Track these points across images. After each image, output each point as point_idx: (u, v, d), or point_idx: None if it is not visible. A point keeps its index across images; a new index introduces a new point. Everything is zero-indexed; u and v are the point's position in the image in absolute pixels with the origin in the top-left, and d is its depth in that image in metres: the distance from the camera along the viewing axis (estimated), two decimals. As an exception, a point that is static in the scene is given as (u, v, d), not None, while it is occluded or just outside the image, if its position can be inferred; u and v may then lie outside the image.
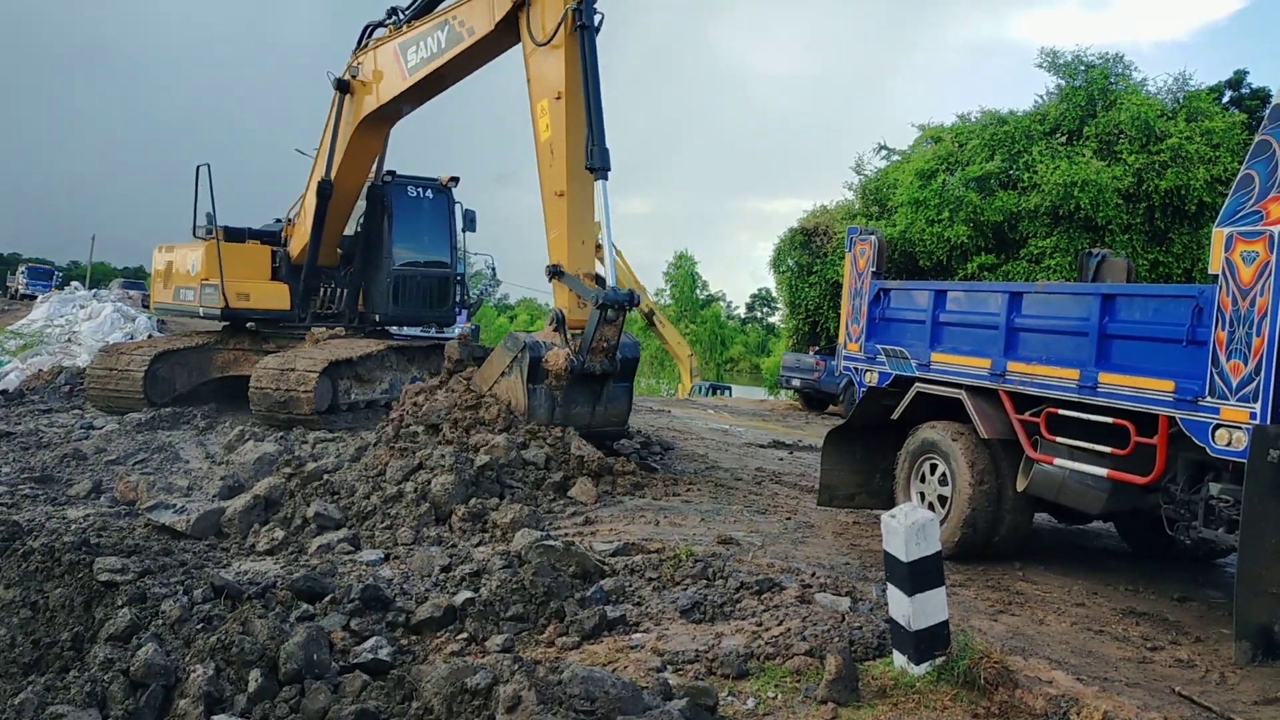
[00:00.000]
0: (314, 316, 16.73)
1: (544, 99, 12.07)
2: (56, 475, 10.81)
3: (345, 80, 15.41)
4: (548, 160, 12.06)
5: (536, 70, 12.23)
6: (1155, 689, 5.51)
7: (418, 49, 14.09)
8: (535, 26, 12.09)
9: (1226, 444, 6.04)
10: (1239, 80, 27.27)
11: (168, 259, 17.32)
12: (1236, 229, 6.06)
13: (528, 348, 11.25)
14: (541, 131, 12.12)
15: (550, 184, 12.05)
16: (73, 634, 5.78)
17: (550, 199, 12.10)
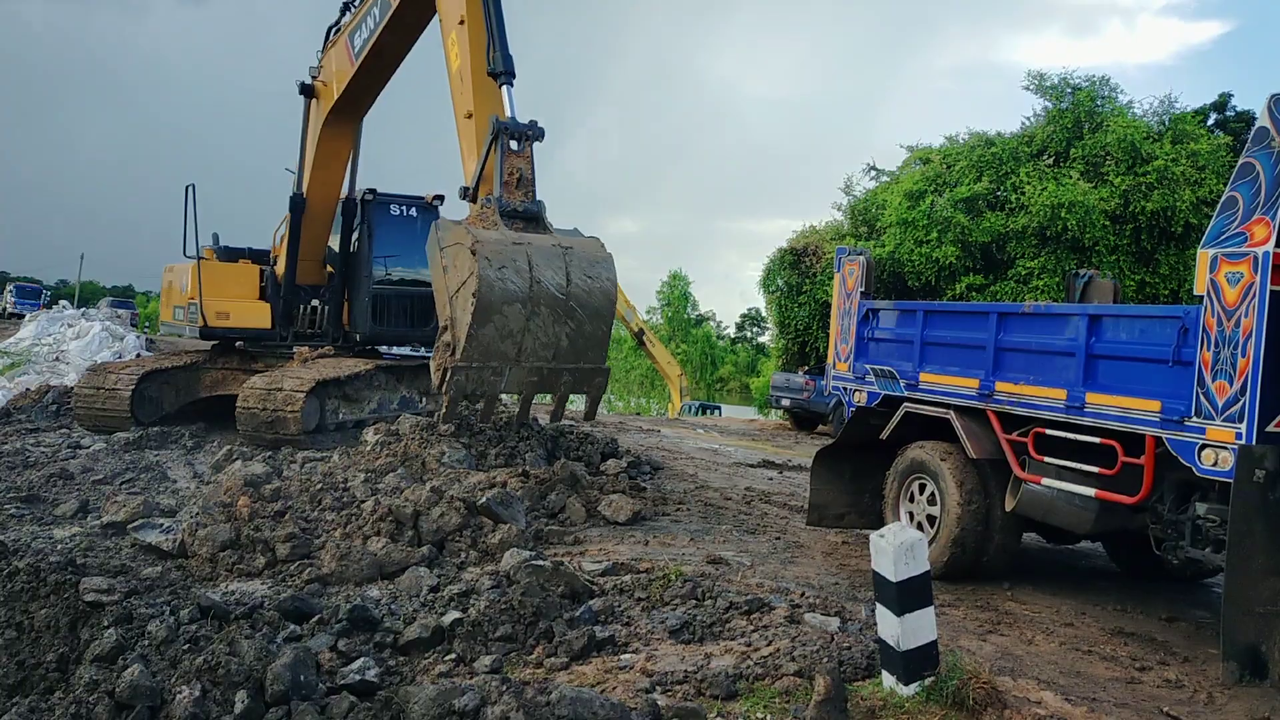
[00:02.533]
0: (296, 335, 16.64)
1: (451, 31, 12.23)
2: (43, 495, 10.73)
3: (309, 84, 15.55)
4: (458, 86, 12.09)
5: (443, 6, 12.43)
6: (1144, 709, 5.52)
7: (361, 31, 14.32)
8: None
9: (1213, 464, 6.08)
10: (1223, 103, 27.57)
11: (169, 279, 17.37)
12: (1221, 250, 6.11)
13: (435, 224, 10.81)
14: (452, 62, 12.25)
15: (460, 107, 12.02)
16: (58, 655, 5.74)
17: (461, 122, 12.01)
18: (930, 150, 26.44)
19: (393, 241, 16.93)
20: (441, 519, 8.24)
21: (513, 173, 11.04)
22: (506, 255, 10.05)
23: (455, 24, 12.13)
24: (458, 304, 10.09)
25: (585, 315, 10.67)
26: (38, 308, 42.95)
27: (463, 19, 11.97)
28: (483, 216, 10.60)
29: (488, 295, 9.82)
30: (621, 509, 9.82)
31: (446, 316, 10.45)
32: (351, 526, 8.40)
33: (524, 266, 10.14)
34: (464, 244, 9.97)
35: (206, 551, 7.83)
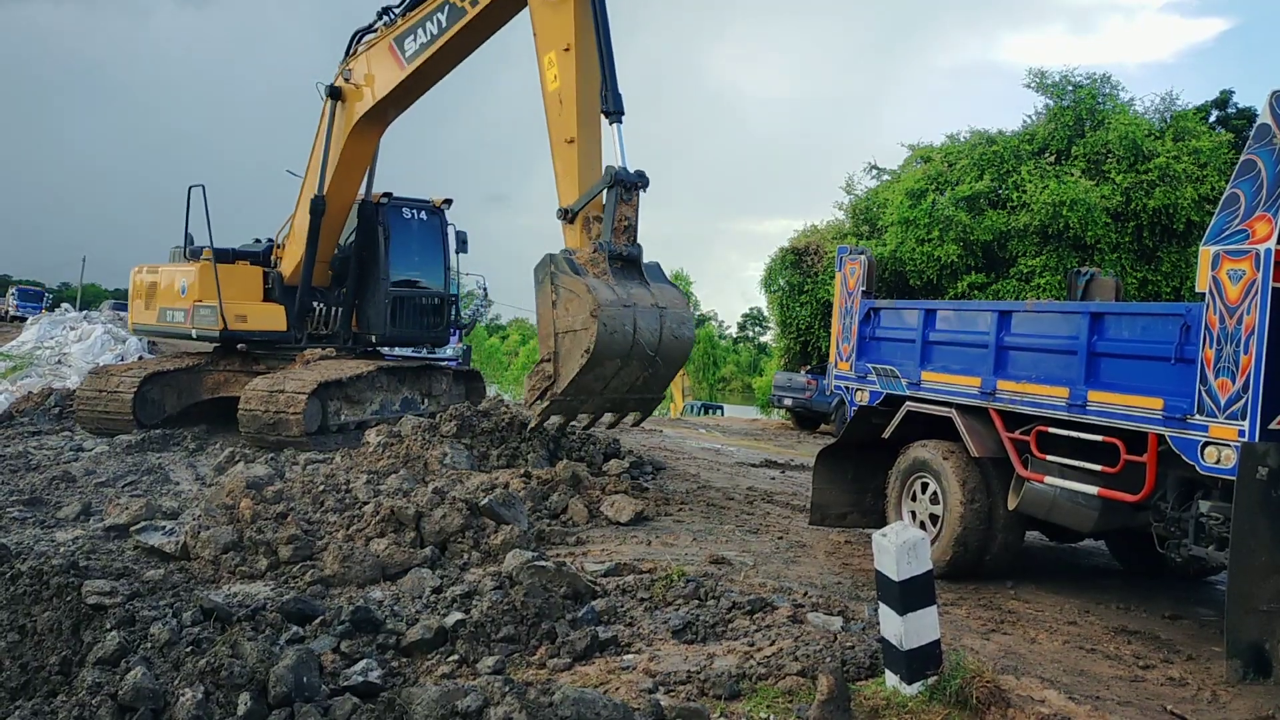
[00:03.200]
0: (309, 337, 16.68)
1: (551, 51, 12.36)
2: (45, 498, 10.74)
3: (337, 87, 15.42)
4: (556, 109, 12.34)
5: (543, 23, 12.51)
6: (1147, 707, 5.51)
7: (415, 37, 14.24)
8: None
9: (1215, 461, 6.07)
10: (1225, 100, 27.56)
11: (150, 280, 16.95)
12: (1223, 247, 6.10)
13: (552, 256, 11.38)
14: (549, 82, 12.42)
15: (560, 132, 12.31)
16: (61, 658, 5.74)
17: (560, 145, 12.33)
18: (931, 149, 26.43)
19: (405, 244, 17.09)
20: (444, 520, 8.24)
21: (622, 220, 11.73)
22: (619, 320, 10.94)
23: (559, 48, 12.25)
24: (566, 345, 11.03)
25: (665, 364, 11.76)
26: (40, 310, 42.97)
27: (569, 46, 12.14)
28: (594, 262, 11.37)
29: (600, 355, 10.79)
30: (624, 509, 9.82)
31: (550, 348, 11.25)
32: (354, 528, 8.40)
33: (629, 330, 11.05)
34: (582, 297, 10.83)
35: (209, 554, 7.83)
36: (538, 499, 9.96)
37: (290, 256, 16.45)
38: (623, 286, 11.25)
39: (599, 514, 9.87)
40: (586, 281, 10.95)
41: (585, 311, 10.75)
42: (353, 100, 15.42)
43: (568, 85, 12.17)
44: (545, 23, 12.47)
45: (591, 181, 11.96)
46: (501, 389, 44.13)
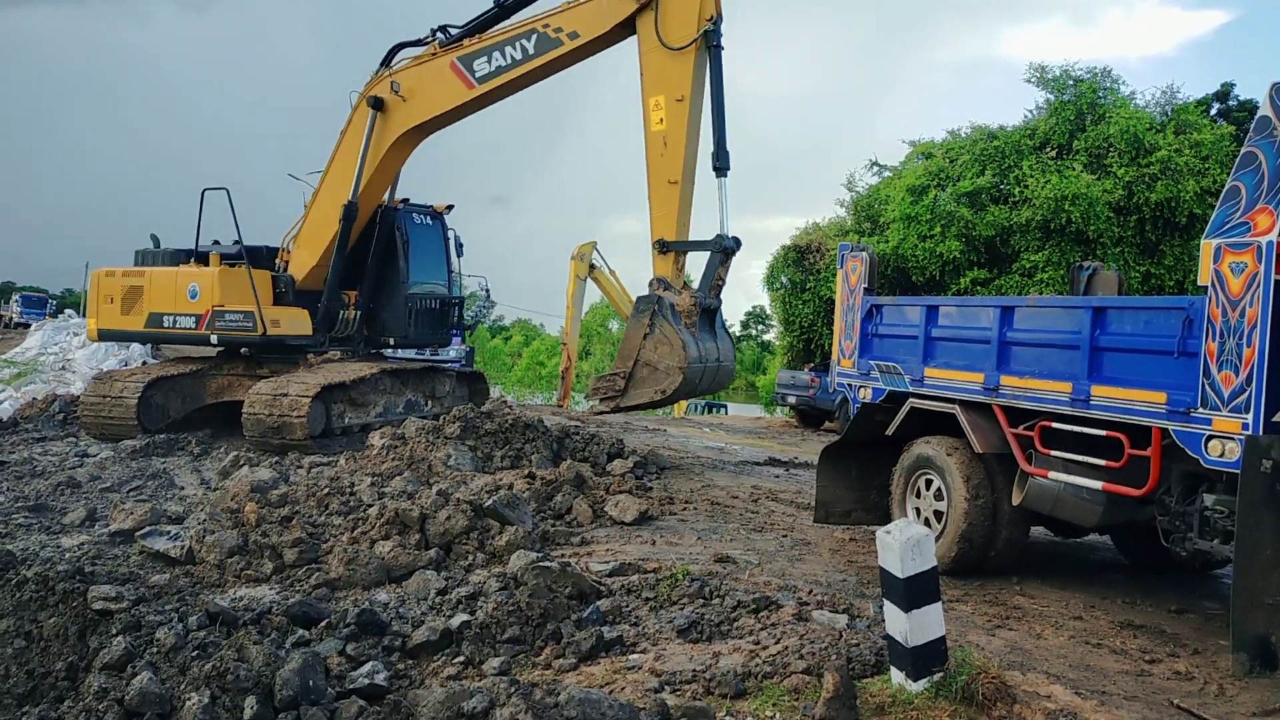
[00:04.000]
0: (332, 340, 16.73)
1: (660, 95, 13.29)
2: (51, 504, 10.76)
3: (380, 98, 15.38)
4: (659, 150, 13.40)
5: (656, 68, 13.37)
6: (1154, 702, 5.51)
7: (490, 60, 14.47)
8: (664, 27, 13.23)
9: (1220, 455, 6.06)
10: (1226, 93, 27.48)
11: (132, 283, 16.33)
12: (1225, 240, 6.09)
13: (660, 298, 12.97)
14: (654, 124, 13.39)
15: (663, 173, 13.46)
16: (67, 663, 5.75)
17: (662, 185, 13.51)
18: (932, 145, 26.39)
19: (419, 249, 17.31)
20: (448, 522, 8.25)
21: (718, 279, 13.64)
22: (696, 374, 12.93)
23: (670, 95, 13.20)
24: (643, 375, 12.81)
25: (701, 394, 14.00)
26: (43, 317, 43.06)
27: (683, 97, 13.19)
28: (689, 313, 13.11)
29: (670, 397, 13.01)
30: (628, 509, 9.82)
31: (626, 368, 12.94)
32: (358, 530, 8.41)
33: (698, 380, 13.15)
34: (675, 348, 12.61)
35: (214, 558, 7.84)
36: (542, 500, 9.97)
37: (301, 261, 16.38)
38: (702, 341, 13.16)
39: (603, 514, 9.87)
40: (682, 336, 12.69)
41: (673, 360, 12.58)
42: (397, 112, 15.41)
43: (676, 132, 13.29)
44: (659, 69, 13.36)
45: (687, 220, 13.67)
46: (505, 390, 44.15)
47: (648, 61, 13.40)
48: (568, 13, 13.92)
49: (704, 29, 13.09)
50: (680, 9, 13.15)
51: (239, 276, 15.61)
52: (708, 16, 13.13)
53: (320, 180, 16.24)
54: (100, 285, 16.70)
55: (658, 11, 13.22)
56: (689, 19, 13.13)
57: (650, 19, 13.26)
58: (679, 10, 13.15)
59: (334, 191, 15.95)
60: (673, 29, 13.22)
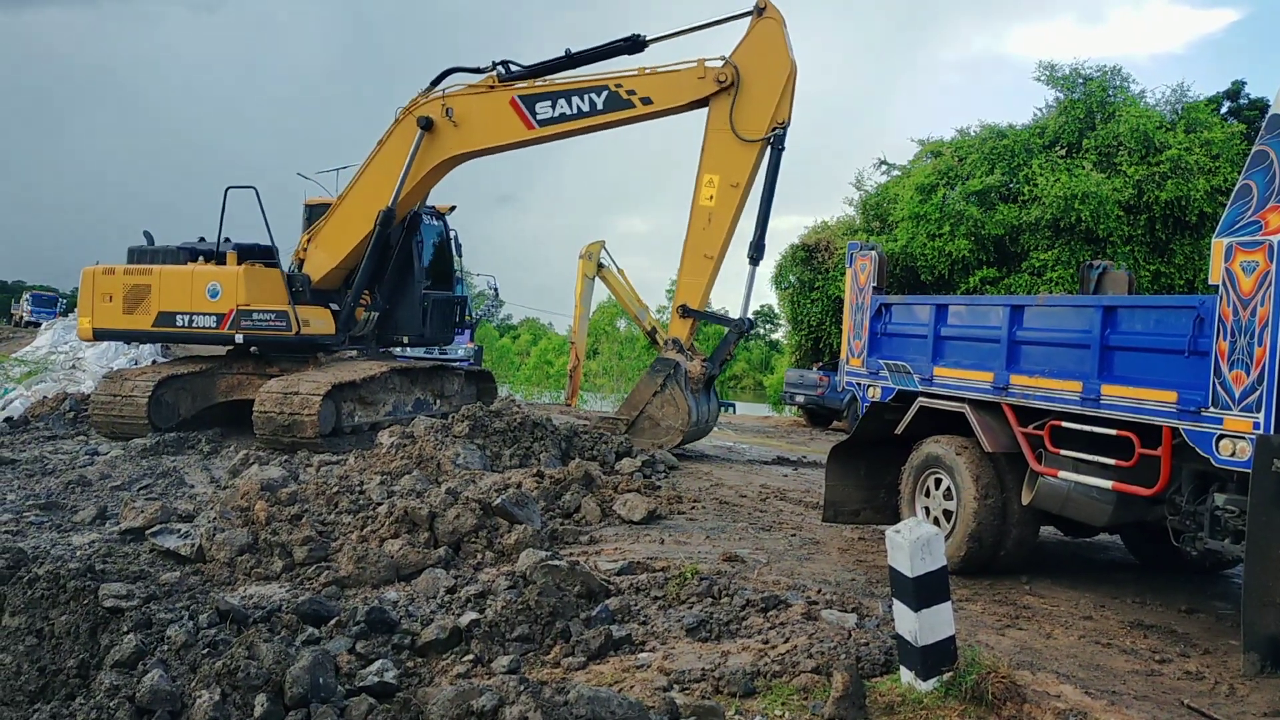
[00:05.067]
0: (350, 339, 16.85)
1: (716, 175, 14.26)
2: (61, 502, 10.80)
3: (431, 120, 15.42)
4: (702, 224, 14.43)
5: (720, 150, 14.24)
6: (1164, 702, 5.49)
7: (555, 105, 14.80)
8: (738, 116, 14.08)
9: (1231, 454, 6.03)
10: (1237, 91, 27.40)
11: (137, 281, 16.06)
12: (1236, 239, 6.07)
13: (677, 364, 14.53)
14: (704, 199, 14.36)
15: (702, 246, 14.55)
16: (78, 661, 5.78)
17: (698, 256, 14.62)
18: (941, 143, 26.37)
19: (431, 249, 17.67)
20: (457, 520, 8.26)
21: (728, 354, 15.98)
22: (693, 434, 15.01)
23: (727, 178, 14.19)
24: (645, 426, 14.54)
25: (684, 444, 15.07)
26: (54, 316, 43.19)
27: (738, 185, 14.19)
28: (696, 381, 14.63)
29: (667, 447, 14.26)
30: (636, 508, 9.82)
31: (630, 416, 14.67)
32: (368, 529, 8.42)
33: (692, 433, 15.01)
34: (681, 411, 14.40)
35: (224, 556, 7.86)
36: (550, 498, 9.98)
37: (319, 261, 16.38)
38: (700, 405, 14.73)
39: (612, 513, 9.87)
40: (689, 401, 14.34)
41: (677, 422, 14.30)
42: (447, 136, 15.50)
43: (723, 213, 14.28)
44: (722, 151, 14.22)
45: (709, 291, 14.96)
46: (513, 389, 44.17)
47: (713, 140, 14.25)
48: (644, 79, 14.51)
49: (774, 130, 14.02)
50: (758, 105, 14.03)
51: (264, 276, 15.61)
52: (780, 120, 14.05)
53: (350, 185, 16.27)
54: (96, 283, 16.16)
55: (735, 99, 14.06)
56: (763, 116, 14.03)
57: (726, 103, 14.11)
58: (756, 105, 14.04)
59: (365, 198, 15.98)
60: (746, 120, 14.08)
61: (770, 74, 14.05)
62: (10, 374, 23.90)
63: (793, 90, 14.13)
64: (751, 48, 14.16)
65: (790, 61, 14.03)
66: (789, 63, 14.02)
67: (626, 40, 14.89)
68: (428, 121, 15.45)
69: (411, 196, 16.15)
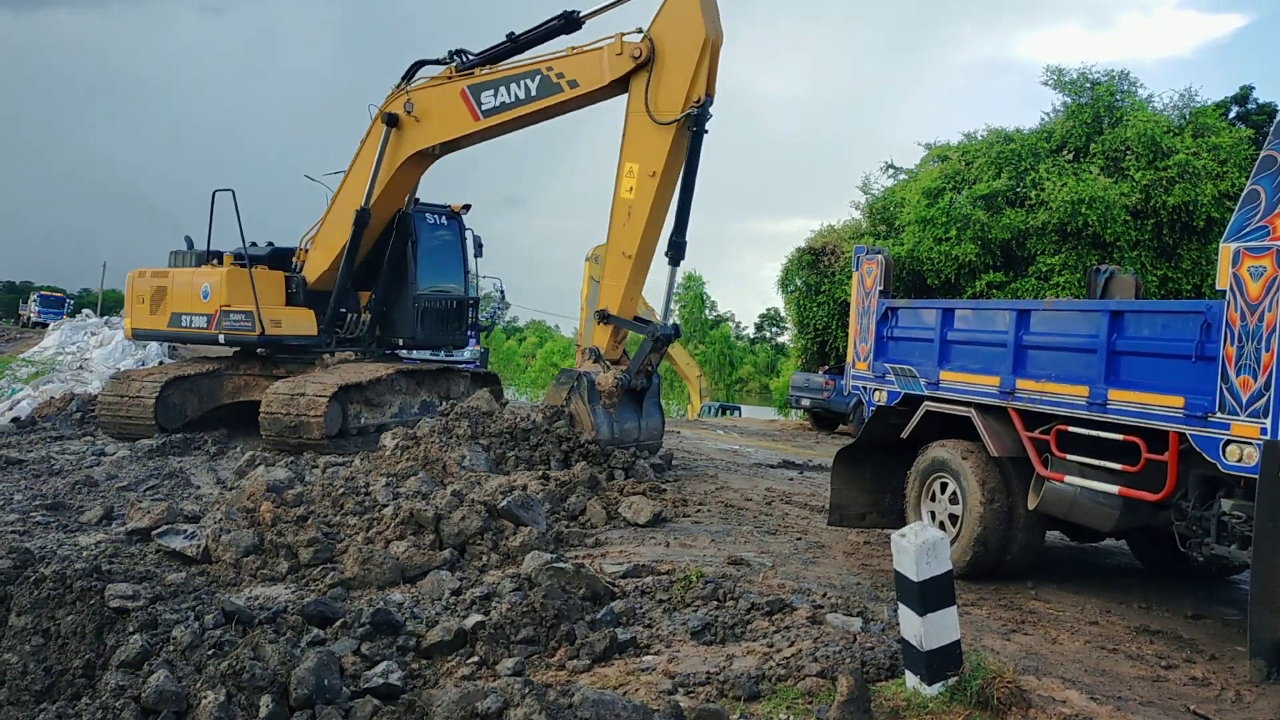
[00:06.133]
0: (339, 341, 16.79)
1: (636, 164, 13.05)
2: (68, 502, 10.83)
3: (395, 115, 15.36)
4: (623, 219, 13.24)
5: (638, 136, 13.06)
6: (1170, 707, 5.48)
7: (496, 94, 14.32)
8: (653, 97, 12.91)
9: (1238, 460, 6.02)
10: (1245, 96, 27.34)
11: (158, 284, 16.71)
12: (1243, 244, 6.06)
13: (582, 375, 13.20)
14: (624, 191, 13.18)
15: (621, 243, 13.34)
16: (84, 661, 5.79)
17: (617, 254, 13.43)
18: (948, 147, 26.34)
19: (430, 250, 17.31)
20: (462, 522, 8.27)
21: (647, 364, 13.63)
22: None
23: (644, 167, 12.94)
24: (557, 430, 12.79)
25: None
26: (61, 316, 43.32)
27: (656, 174, 12.88)
28: (610, 394, 13.19)
29: None
30: (642, 511, 9.82)
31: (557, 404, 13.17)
32: (373, 530, 8.43)
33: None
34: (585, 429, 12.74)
35: (230, 557, 7.88)
36: (556, 501, 9.98)
37: (316, 262, 16.48)
38: (621, 421, 13.30)
39: (617, 515, 9.87)
40: (595, 418, 12.87)
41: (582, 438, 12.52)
42: (410, 131, 15.40)
43: (641, 205, 13.03)
44: (638, 137, 13.04)
45: (635, 296, 13.73)
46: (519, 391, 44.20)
47: (631, 125, 13.12)
48: (569, 60, 13.71)
49: (689, 110, 12.69)
50: (674, 82, 12.76)
51: (245, 276, 15.74)
52: (696, 98, 12.69)
53: (339, 186, 16.32)
54: (134, 286, 17.18)
55: (650, 77, 12.87)
56: (679, 93, 12.73)
57: (643, 82, 12.93)
58: (672, 82, 12.77)
59: (349, 198, 16.00)
60: (661, 100, 12.84)
61: (685, 46, 12.75)
62: (18, 374, 23.98)
63: (712, 64, 12.81)
64: (667, 19, 12.90)
65: (705, 30, 12.60)
66: (703, 32, 12.60)
67: (560, 17, 13.96)
68: (392, 117, 15.41)
69: (388, 195, 15.95)
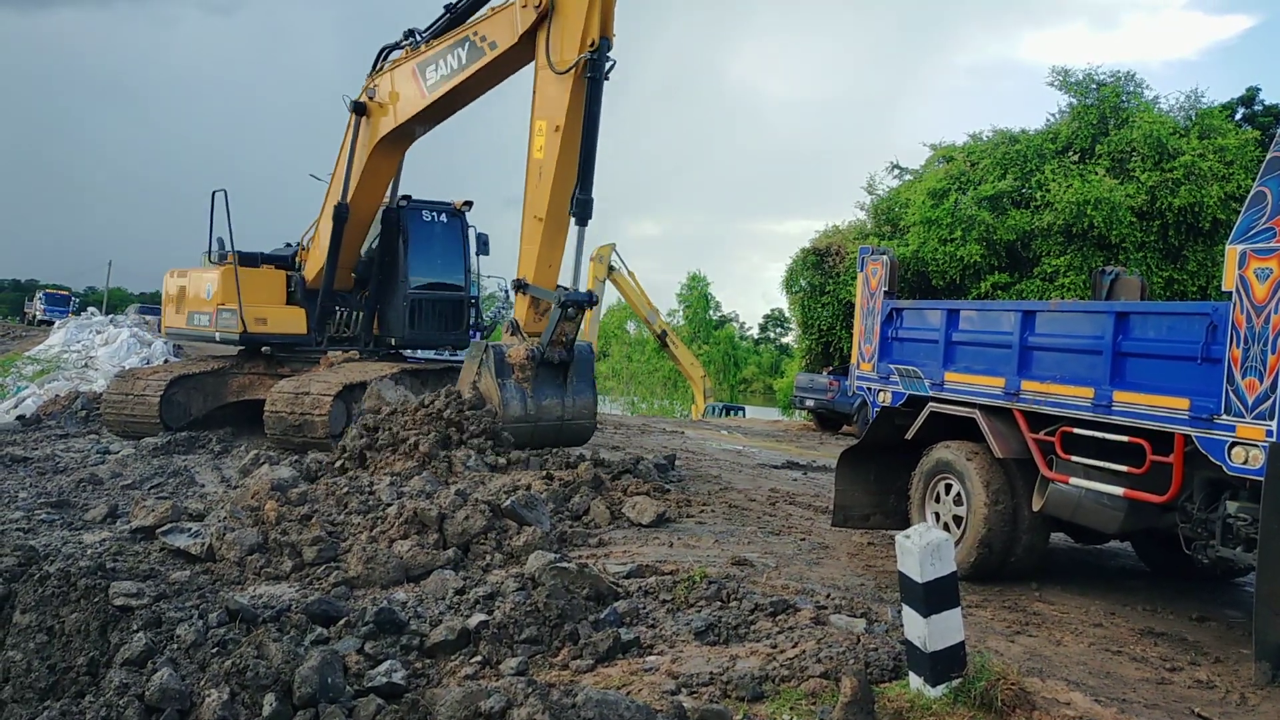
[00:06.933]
0: (330, 340, 16.77)
1: (543, 121, 12.47)
2: (73, 500, 10.85)
3: (362, 103, 15.41)
4: (535, 179, 12.60)
5: (543, 91, 12.55)
6: (1174, 710, 5.47)
7: (437, 67, 14.14)
8: (553, 47, 12.33)
9: (1243, 462, 6.01)
10: (1251, 97, 27.30)
11: (180, 284, 17.30)
12: (1250, 246, 6.04)
13: (489, 347, 12.44)
14: (535, 151, 12.57)
15: (532, 206, 12.67)
16: (88, 659, 5.80)
17: (530, 219, 12.72)
18: (954, 148, 26.32)
19: (425, 247, 17.16)
20: (466, 522, 8.27)
21: (562, 335, 12.62)
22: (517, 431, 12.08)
23: (550, 122, 12.37)
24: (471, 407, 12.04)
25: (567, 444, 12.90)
26: (67, 314, 43.45)
27: (559, 126, 12.29)
28: (522, 367, 12.38)
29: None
30: (645, 511, 9.81)
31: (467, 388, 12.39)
32: (377, 530, 8.43)
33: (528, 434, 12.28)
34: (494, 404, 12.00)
35: (234, 555, 7.88)
36: (560, 501, 9.98)
37: (313, 261, 16.57)
38: (536, 397, 12.50)
39: (621, 515, 9.86)
40: (504, 393, 12.13)
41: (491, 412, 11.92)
42: (377, 117, 15.39)
43: (549, 163, 12.38)
44: (544, 93, 12.50)
45: (551, 260, 12.76)
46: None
47: (537, 81, 12.61)
48: (489, 21, 13.34)
49: (584, 54, 12.05)
50: (569, 29, 12.21)
51: (245, 275, 15.88)
52: (590, 41, 12.04)
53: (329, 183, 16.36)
54: (166, 286, 17.82)
55: (550, 28, 12.36)
56: (574, 42, 12.15)
57: (545, 34, 12.42)
58: (568, 29, 12.21)
59: (336, 195, 16.04)
60: (559, 49, 12.32)
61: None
62: (23, 372, 24.03)
63: (605, 6, 12.12)
64: None
65: None
66: None
67: None
68: (359, 106, 15.41)
69: (366, 187, 15.88)
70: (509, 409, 12.04)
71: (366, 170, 15.69)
